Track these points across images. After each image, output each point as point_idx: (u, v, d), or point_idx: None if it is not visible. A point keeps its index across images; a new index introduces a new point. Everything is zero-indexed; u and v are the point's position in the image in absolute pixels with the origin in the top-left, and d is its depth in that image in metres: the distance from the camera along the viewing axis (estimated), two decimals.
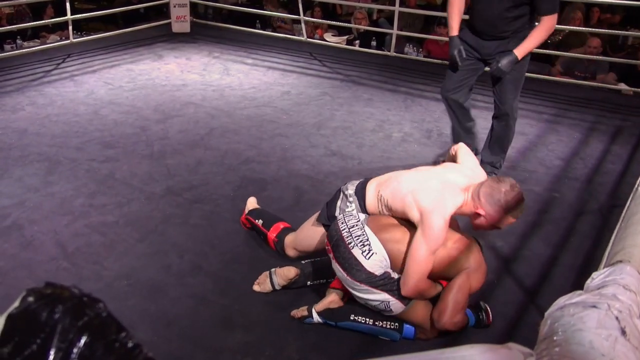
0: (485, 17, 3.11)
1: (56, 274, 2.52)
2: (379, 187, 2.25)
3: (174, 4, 7.00)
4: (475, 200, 2.06)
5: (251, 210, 2.85)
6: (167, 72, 5.64)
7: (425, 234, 2.00)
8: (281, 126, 4.32)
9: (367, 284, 2.05)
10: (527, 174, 3.68)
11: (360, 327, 2.19)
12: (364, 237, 2.09)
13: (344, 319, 2.20)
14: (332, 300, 2.26)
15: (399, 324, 2.18)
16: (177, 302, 2.37)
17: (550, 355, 0.52)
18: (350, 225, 2.14)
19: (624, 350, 0.53)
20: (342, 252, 2.09)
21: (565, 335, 0.55)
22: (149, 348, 1.16)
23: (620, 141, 4.30)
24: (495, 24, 3.08)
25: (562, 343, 0.54)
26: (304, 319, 2.24)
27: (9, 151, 3.74)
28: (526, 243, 2.88)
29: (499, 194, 2.02)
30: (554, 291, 2.42)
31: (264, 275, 2.43)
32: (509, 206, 2.03)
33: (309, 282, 2.44)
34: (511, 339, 1.32)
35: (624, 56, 5.71)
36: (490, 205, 2.03)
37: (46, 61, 5.79)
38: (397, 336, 2.18)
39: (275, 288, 2.40)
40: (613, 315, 0.56)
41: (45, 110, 4.49)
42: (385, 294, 2.07)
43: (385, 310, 2.11)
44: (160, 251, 2.72)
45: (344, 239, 2.10)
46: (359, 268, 2.05)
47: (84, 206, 3.09)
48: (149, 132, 4.14)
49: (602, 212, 3.20)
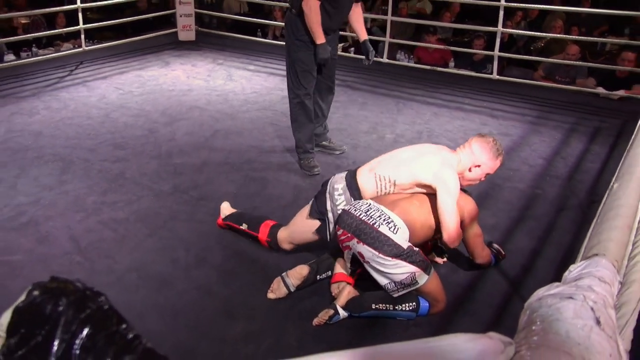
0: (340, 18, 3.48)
1: (70, 267, 2.51)
2: (373, 171, 2.37)
3: (180, 14, 6.98)
4: (469, 156, 2.34)
5: (229, 216, 2.77)
6: (173, 77, 5.63)
7: (445, 188, 2.22)
8: (281, 128, 4.31)
9: (397, 257, 2.09)
10: (511, 172, 3.67)
11: (381, 314, 2.21)
12: (386, 215, 2.15)
13: (367, 309, 2.20)
14: (349, 292, 2.24)
15: (416, 304, 2.20)
16: (184, 293, 2.37)
17: (529, 344, 0.52)
18: (365, 210, 2.18)
19: (598, 339, 0.52)
20: (369, 233, 2.11)
21: (543, 325, 0.54)
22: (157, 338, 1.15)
23: (598, 141, 4.30)
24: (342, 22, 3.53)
25: (540, 332, 0.53)
26: (331, 319, 2.17)
27: (25, 152, 3.73)
28: (510, 237, 2.88)
29: (489, 144, 2.34)
30: (537, 282, 2.42)
31: (276, 281, 2.34)
32: (499, 151, 2.36)
33: (318, 276, 2.40)
34: (496, 327, 1.31)
35: (602, 62, 5.71)
36: (486, 155, 2.33)
37: (60, 68, 5.78)
38: (413, 316, 2.21)
39: (291, 290, 2.32)
40: (588, 306, 0.56)
41: (59, 114, 4.48)
42: (412, 265, 2.11)
43: (412, 283, 2.13)
44: (168, 246, 2.71)
45: (367, 222, 2.13)
46: (389, 243, 2.09)
47: (96, 203, 3.08)
48: (157, 134, 4.13)
49: (581, 208, 3.20)
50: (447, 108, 4.94)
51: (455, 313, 2.29)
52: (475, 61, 6.07)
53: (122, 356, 0.46)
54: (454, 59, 6.22)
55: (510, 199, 3.30)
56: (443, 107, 4.97)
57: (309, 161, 3.60)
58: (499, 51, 5.63)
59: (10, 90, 5.04)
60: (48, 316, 0.48)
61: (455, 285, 2.44)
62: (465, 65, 6.11)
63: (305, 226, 2.47)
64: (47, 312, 0.48)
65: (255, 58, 6.42)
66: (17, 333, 0.49)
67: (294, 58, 3.43)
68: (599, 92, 5.33)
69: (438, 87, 5.49)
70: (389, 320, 2.23)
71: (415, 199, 2.29)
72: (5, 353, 0.49)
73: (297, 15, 3.33)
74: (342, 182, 2.39)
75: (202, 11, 7.38)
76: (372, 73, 5.91)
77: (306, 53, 3.38)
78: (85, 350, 0.46)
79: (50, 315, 0.48)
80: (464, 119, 4.70)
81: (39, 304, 0.49)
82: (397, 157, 2.39)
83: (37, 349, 0.48)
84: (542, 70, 5.79)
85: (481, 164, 2.34)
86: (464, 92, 5.35)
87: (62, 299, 0.49)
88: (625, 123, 4.56)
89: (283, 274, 2.36)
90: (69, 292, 0.49)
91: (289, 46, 3.47)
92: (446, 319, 2.25)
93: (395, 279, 2.12)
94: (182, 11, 6.97)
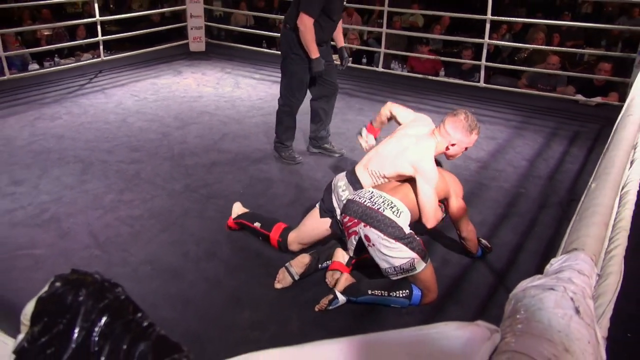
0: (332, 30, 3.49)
1: (89, 260, 2.51)
2: (366, 167, 2.42)
3: (192, 27, 6.98)
4: (445, 137, 2.32)
5: (241, 215, 2.74)
6: (185, 85, 5.63)
7: (424, 179, 2.24)
8: None
9: (400, 240, 2.10)
10: (497, 173, 3.67)
11: (377, 299, 2.21)
12: (389, 200, 2.16)
13: (364, 294, 2.21)
14: (346, 278, 2.27)
15: (409, 291, 2.19)
16: (194, 284, 2.37)
17: (514, 331, 0.52)
18: (369, 197, 2.19)
19: (577, 327, 0.52)
20: (375, 217, 2.12)
21: (527, 314, 0.54)
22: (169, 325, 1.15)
23: (577, 144, 4.30)
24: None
25: (524, 321, 0.53)
26: (330, 303, 2.18)
27: (48, 154, 3.73)
28: (496, 232, 2.87)
29: (461, 122, 2.30)
30: (520, 274, 2.42)
31: (281, 272, 2.35)
32: (472, 126, 2.31)
33: (319, 265, 2.41)
34: (483, 316, 1.31)
35: (580, 71, 5.71)
36: (459, 133, 2.30)
37: (80, 76, 5.78)
38: (406, 303, 2.20)
39: (295, 279, 2.33)
40: (568, 297, 0.56)
41: (79, 119, 4.48)
42: (412, 252, 2.12)
43: (410, 269, 2.14)
44: (179, 240, 2.71)
45: (372, 207, 2.14)
46: (394, 226, 2.10)
47: (113, 202, 3.07)
48: (170, 138, 4.12)
49: (561, 206, 3.20)
50: (437, 113, 4.91)
51: (445, 303, 2.29)
52: (463, 70, 6.07)
53: (137, 342, 0.46)
54: (444, 68, 6.22)
55: (496, 197, 3.30)
56: (434, 112, 4.94)
57: (289, 152, 3.67)
58: (485, 61, 5.63)
59: (34, 97, 5.04)
60: (69, 306, 0.48)
61: (445, 277, 2.43)
62: (455, 74, 6.11)
63: (314, 227, 2.47)
64: (68, 302, 0.48)
65: (260, 67, 6.42)
66: (41, 322, 0.49)
67: (290, 71, 3.43)
68: (578, 99, 5.33)
69: (429, 94, 5.49)
70: (383, 310, 2.23)
71: (412, 185, 2.30)
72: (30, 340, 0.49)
73: (292, 30, 3.32)
74: (344, 180, 2.43)
75: (211, 24, 7.38)
76: (368, 81, 5.92)
77: (301, 66, 3.38)
78: (103, 337, 0.46)
79: (71, 305, 0.48)
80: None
81: (60, 295, 0.49)
82: (382, 153, 2.41)
83: (59, 336, 0.48)
84: (526, 78, 5.78)
85: (456, 141, 2.32)
86: (453, 99, 5.35)
87: (82, 290, 0.49)
88: (602, 128, 4.56)
89: (287, 264, 2.37)
90: (89, 283, 0.49)
91: (285, 59, 3.47)
92: (437, 308, 2.25)
93: (395, 263, 2.14)
94: (193, 24, 6.97)
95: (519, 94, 5.55)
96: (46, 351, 0.47)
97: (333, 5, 3.31)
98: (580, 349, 0.49)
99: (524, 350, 0.48)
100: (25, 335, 0.49)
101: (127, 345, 0.45)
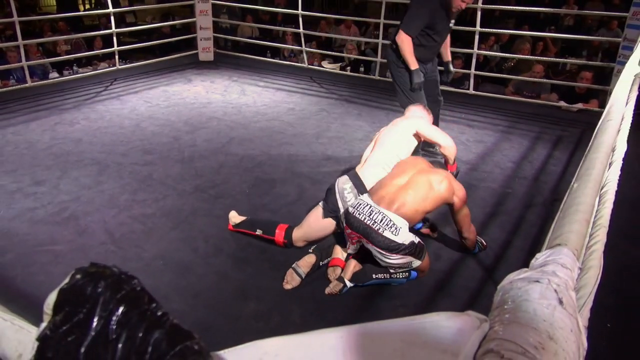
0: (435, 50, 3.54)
1: (105, 255, 2.51)
2: (365, 168, 2.48)
3: (201, 38, 6.99)
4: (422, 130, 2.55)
5: (240, 224, 2.67)
6: (195, 92, 5.63)
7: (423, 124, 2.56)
8: (287, 136, 4.31)
9: (399, 253, 2.13)
10: (485, 174, 3.67)
11: (380, 282, 2.27)
12: (387, 219, 2.12)
13: (369, 279, 2.26)
14: (354, 265, 2.30)
15: (409, 273, 2.28)
16: (203, 278, 2.37)
17: (502, 320, 0.52)
18: (368, 213, 2.15)
19: (561, 317, 0.52)
20: (375, 237, 2.13)
21: (514, 305, 0.54)
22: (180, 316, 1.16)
23: (560, 148, 4.30)
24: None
25: (511, 311, 0.53)
26: (341, 291, 2.23)
27: (67, 156, 3.73)
28: (485, 230, 2.87)
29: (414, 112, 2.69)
30: (508, 268, 2.41)
31: (289, 273, 2.32)
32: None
33: (321, 262, 2.41)
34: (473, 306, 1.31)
35: (563, 79, 5.71)
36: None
37: (97, 84, 5.78)
38: (405, 281, 2.29)
39: (303, 278, 2.31)
40: (552, 288, 0.56)
41: (96, 124, 4.48)
42: (410, 257, 2.17)
43: (409, 266, 2.22)
44: (189, 237, 2.71)
45: (372, 227, 2.13)
46: (393, 244, 2.11)
47: (127, 201, 3.08)
48: (181, 141, 4.12)
49: (545, 205, 3.20)
50: None
51: (437, 295, 2.29)
52: (454, 78, 6.06)
53: (152, 330, 0.46)
54: None
55: (484, 197, 3.30)
56: None
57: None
58: (474, 70, 5.63)
59: (54, 103, 5.05)
60: (89, 296, 0.48)
61: (437, 272, 2.43)
62: (445, 81, 6.09)
63: (319, 225, 2.47)
64: (88, 293, 0.48)
65: (265, 75, 6.42)
66: (62, 311, 0.49)
67: (402, 82, 3.44)
68: (561, 105, 5.33)
69: None
70: (379, 302, 2.23)
71: (410, 189, 2.20)
72: (52, 328, 0.49)
73: (396, 48, 3.37)
74: (349, 182, 2.42)
75: (219, 35, 7.38)
76: (366, 89, 5.92)
77: (406, 76, 3.42)
78: (120, 325, 0.46)
79: (90, 295, 0.48)
80: (444, 128, 4.65)
81: (80, 286, 0.49)
82: (377, 155, 2.50)
83: (79, 324, 0.48)
84: (512, 86, 5.78)
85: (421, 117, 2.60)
86: (444, 105, 5.32)
87: (100, 282, 0.49)
88: (584, 132, 4.56)
89: (294, 265, 2.34)
90: (107, 275, 0.49)
91: (395, 74, 3.49)
92: (430, 300, 2.25)
93: (395, 263, 2.18)
94: (202, 35, 6.97)
95: (505, 100, 5.54)
96: (67, 338, 0.47)
97: (439, 27, 3.31)
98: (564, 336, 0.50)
99: (511, 338, 0.48)
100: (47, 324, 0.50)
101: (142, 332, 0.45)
